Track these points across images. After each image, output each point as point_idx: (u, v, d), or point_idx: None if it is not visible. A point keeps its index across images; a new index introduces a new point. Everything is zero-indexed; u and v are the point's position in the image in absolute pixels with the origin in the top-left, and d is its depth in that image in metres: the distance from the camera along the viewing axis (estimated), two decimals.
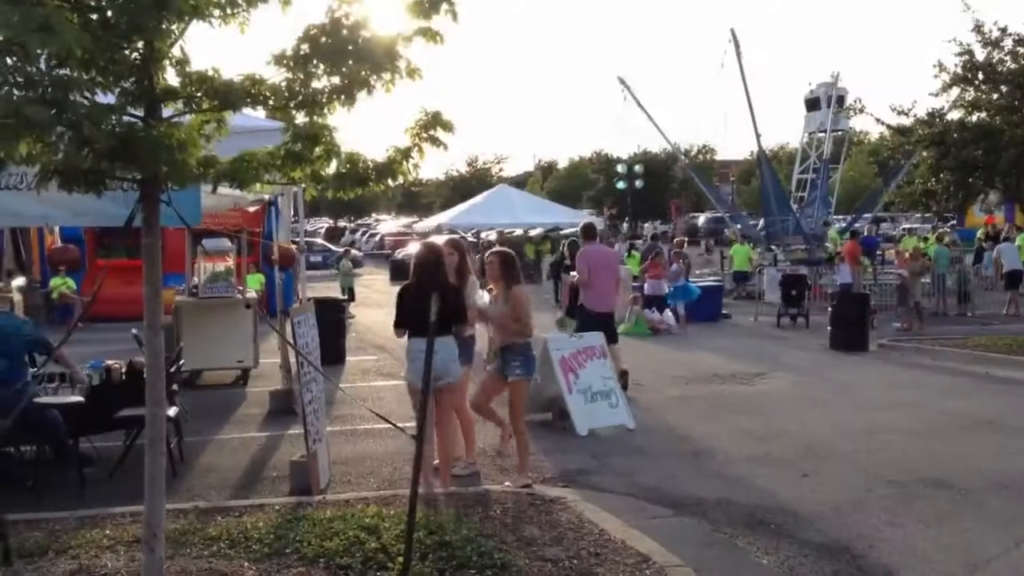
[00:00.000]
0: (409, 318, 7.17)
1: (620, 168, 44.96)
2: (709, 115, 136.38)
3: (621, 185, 44.10)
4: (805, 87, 45.98)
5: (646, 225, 61.11)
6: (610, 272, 11.47)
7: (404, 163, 4.39)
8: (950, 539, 6.01)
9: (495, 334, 7.91)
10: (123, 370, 8.34)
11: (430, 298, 7.28)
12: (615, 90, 33.77)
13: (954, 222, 37.38)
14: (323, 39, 3.96)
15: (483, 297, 7.91)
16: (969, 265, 24.00)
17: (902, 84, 79.40)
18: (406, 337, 7.20)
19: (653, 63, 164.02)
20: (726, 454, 8.46)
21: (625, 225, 57.73)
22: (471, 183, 71.58)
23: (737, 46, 27.89)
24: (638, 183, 43.18)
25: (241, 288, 12.92)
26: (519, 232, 31.46)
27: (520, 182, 67.80)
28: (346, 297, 21.32)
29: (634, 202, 51.59)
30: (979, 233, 30.64)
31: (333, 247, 41.62)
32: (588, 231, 12.27)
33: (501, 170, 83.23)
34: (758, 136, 29.25)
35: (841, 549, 5.85)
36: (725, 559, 5.73)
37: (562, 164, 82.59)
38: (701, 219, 60.44)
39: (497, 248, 9.25)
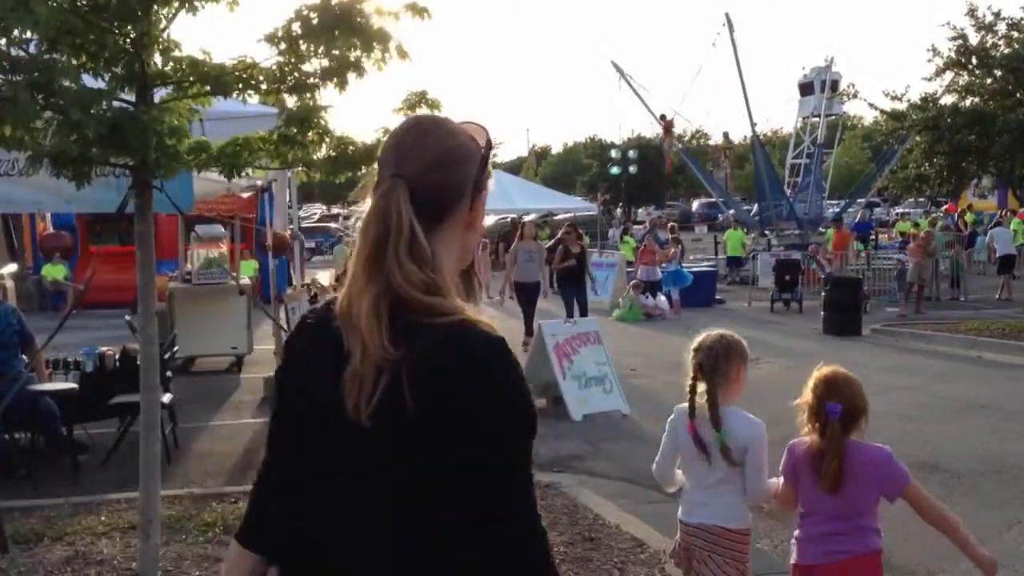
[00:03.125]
0: None
1: (614, 153, 44.93)
2: (704, 101, 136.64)
3: (615, 171, 44.08)
4: (799, 72, 45.93)
5: (640, 211, 61.07)
6: None
7: None
8: None
9: None
10: (117, 357, 8.32)
11: None
12: (610, 75, 33.79)
13: (945, 207, 37.44)
14: (314, 18, 3.95)
15: None
16: (963, 250, 24.02)
17: (896, 69, 79.57)
18: None
19: (648, 47, 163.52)
20: None
21: (619, 211, 57.69)
22: None
23: (731, 30, 27.84)
24: (632, 168, 43.16)
25: (235, 274, 12.88)
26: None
27: (514, 167, 67.64)
28: None
29: (628, 187, 51.54)
30: (969, 218, 30.69)
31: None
32: None
33: (495, 155, 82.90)
34: (752, 122, 29.26)
35: None
36: None
37: (556, 149, 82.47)
38: (695, 204, 60.43)
39: None
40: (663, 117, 30.56)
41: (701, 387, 3.52)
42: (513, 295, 14.40)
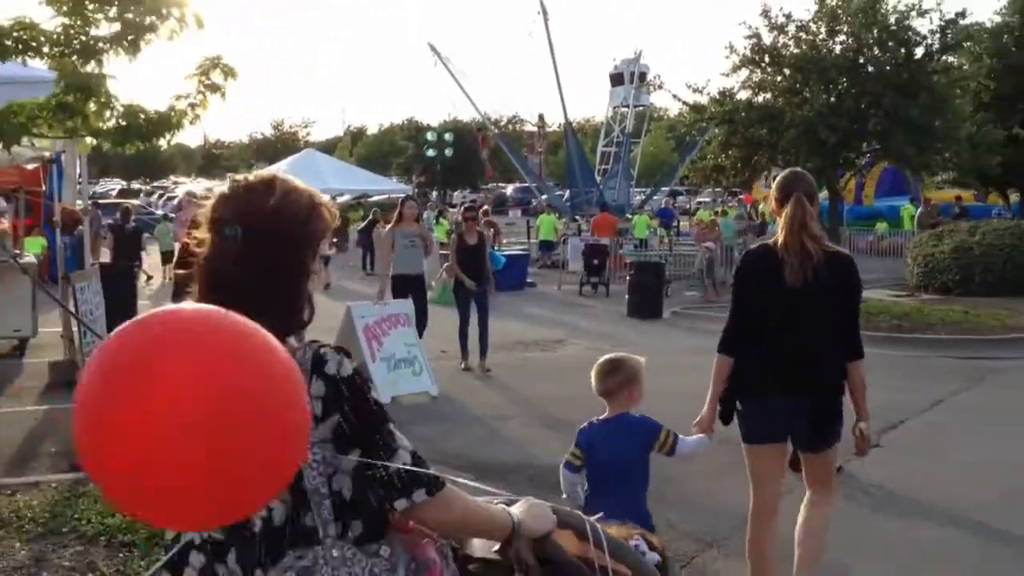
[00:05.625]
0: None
1: (430, 136, 44.95)
2: (520, 86, 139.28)
3: (431, 153, 44.11)
4: (611, 63, 47.40)
5: (456, 194, 61.40)
6: None
7: (189, 113, 4.20)
8: (736, 487, 6.42)
9: None
10: None
11: None
12: (427, 56, 33.67)
13: (741, 196, 39.81)
14: None
15: None
16: (754, 238, 25.54)
17: (702, 63, 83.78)
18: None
19: (466, 30, 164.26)
20: (526, 418, 8.67)
21: (435, 194, 57.77)
22: (276, 146, 69.47)
23: (546, 17, 28.40)
24: (448, 151, 43.33)
25: (18, 252, 11.96)
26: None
27: (328, 147, 66.29)
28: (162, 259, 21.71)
29: (443, 170, 51.67)
30: (762, 208, 32.74)
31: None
32: None
33: (308, 134, 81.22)
34: (565, 110, 30.01)
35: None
36: None
37: (372, 130, 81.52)
38: (509, 189, 61.36)
39: None
40: (480, 128, 30.83)
41: None
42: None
